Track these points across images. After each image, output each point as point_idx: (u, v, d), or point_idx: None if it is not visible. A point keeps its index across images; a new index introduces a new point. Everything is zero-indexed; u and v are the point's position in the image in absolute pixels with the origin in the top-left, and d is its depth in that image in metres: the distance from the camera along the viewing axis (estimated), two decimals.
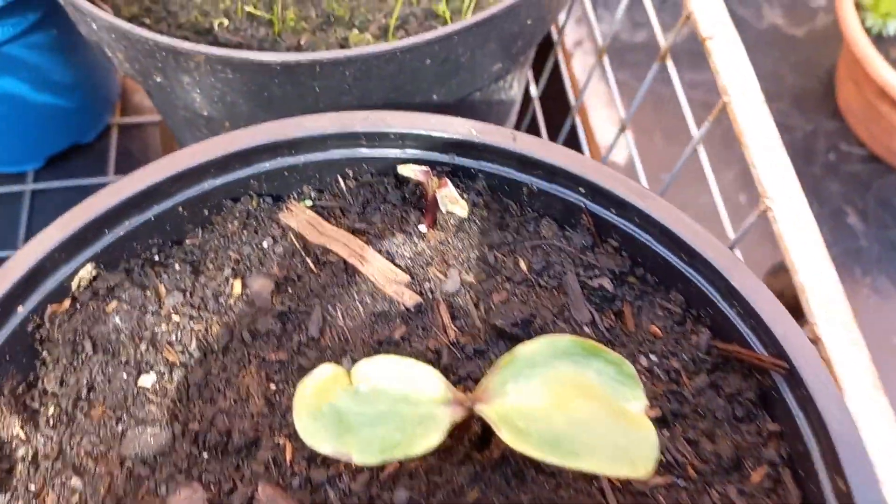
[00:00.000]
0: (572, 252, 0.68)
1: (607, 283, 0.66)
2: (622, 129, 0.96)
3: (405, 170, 0.66)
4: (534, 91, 1.29)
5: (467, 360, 0.62)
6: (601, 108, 1.59)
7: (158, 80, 0.86)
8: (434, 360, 0.62)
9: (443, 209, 0.65)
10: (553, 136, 1.32)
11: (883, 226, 1.79)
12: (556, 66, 1.37)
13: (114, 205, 0.64)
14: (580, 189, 0.67)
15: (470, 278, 0.66)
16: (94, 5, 0.85)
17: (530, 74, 1.34)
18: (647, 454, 0.51)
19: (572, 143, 1.29)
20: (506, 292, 0.65)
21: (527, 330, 0.63)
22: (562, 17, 1.21)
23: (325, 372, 0.52)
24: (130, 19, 0.93)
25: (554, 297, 0.66)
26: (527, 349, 0.53)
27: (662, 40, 0.87)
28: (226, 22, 0.94)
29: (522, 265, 0.67)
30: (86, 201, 0.64)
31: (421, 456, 0.51)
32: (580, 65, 1.60)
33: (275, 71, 0.78)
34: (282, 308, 0.64)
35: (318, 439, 0.50)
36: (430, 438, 0.50)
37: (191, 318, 0.64)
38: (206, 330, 0.63)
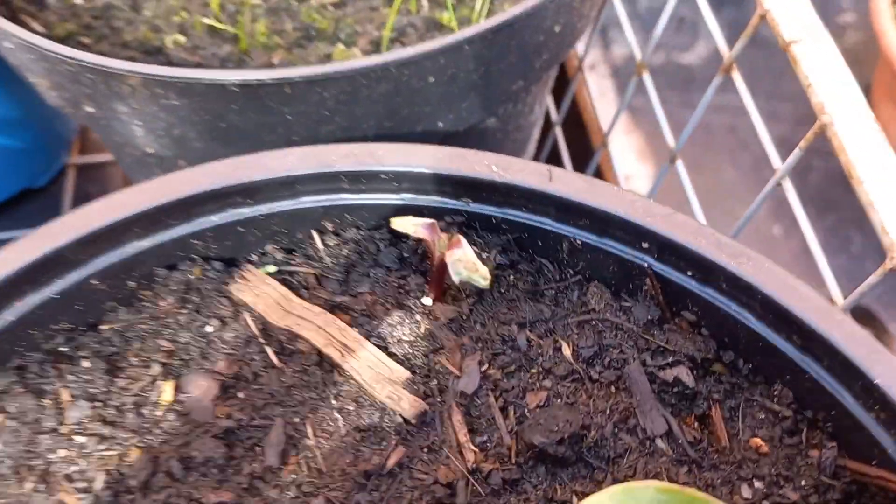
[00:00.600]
0: (634, 331, 0.50)
1: (685, 375, 0.48)
2: (672, 161, 0.79)
3: (401, 224, 0.48)
4: (555, 116, 1.13)
5: (494, 498, 0.44)
6: (619, 135, 1.42)
7: (90, 110, 0.69)
8: (446, 498, 0.43)
9: (455, 278, 0.47)
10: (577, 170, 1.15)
11: None
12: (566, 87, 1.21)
13: (0, 280, 0.47)
14: (643, 244, 0.49)
15: (494, 372, 0.48)
16: (15, 23, 0.69)
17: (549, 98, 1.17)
18: None
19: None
20: (545, 392, 0.47)
21: (576, 448, 0.45)
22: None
23: None
24: (65, 38, 0.77)
25: (612, 397, 0.48)
26: None
27: (725, 49, 0.70)
28: (181, 39, 0.77)
29: (566, 350, 0.49)
30: None
31: None
32: (596, 88, 1.43)
33: (232, 94, 0.61)
34: (229, 423, 0.46)
35: None
36: None
37: (101, 439, 0.46)
38: (121, 458, 0.45)
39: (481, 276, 0.46)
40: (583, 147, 1.16)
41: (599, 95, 1.41)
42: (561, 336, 0.50)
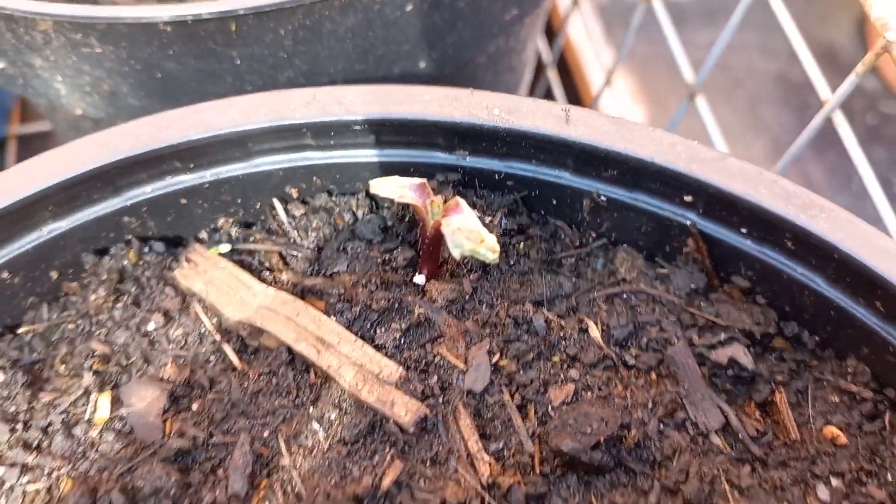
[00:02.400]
0: (675, 303, 0.44)
1: (741, 355, 0.41)
2: (691, 97, 0.72)
3: (383, 187, 0.41)
4: (547, 56, 1.05)
5: None
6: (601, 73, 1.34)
7: (1, 66, 0.61)
8: None
9: (455, 252, 0.40)
10: None
11: None
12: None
13: None
14: (686, 197, 0.42)
15: (507, 363, 0.41)
16: None
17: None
18: None
19: None
20: (572, 384, 0.41)
21: (615, 452, 0.39)
22: None
23: None
24: None
25: (654, 386, 0.41)
26: None
27: None
28: None
29: (594, 332, 0.42)
30: None
31: None
32: (586, 28, 1.35)
33: (165, 36, 0.53)
34: (182, 442, 0.39)
35: None
36: None
37: (24, 470, 0.39)
38: (50, 491, 0.38)
39: (488, 248, 0.39)
40: (574, 95, 1.08)
41: (589, 37, 1.33)
42: (586, 314, 0.43)
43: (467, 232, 0.39)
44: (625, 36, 0.79)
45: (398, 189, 0.41)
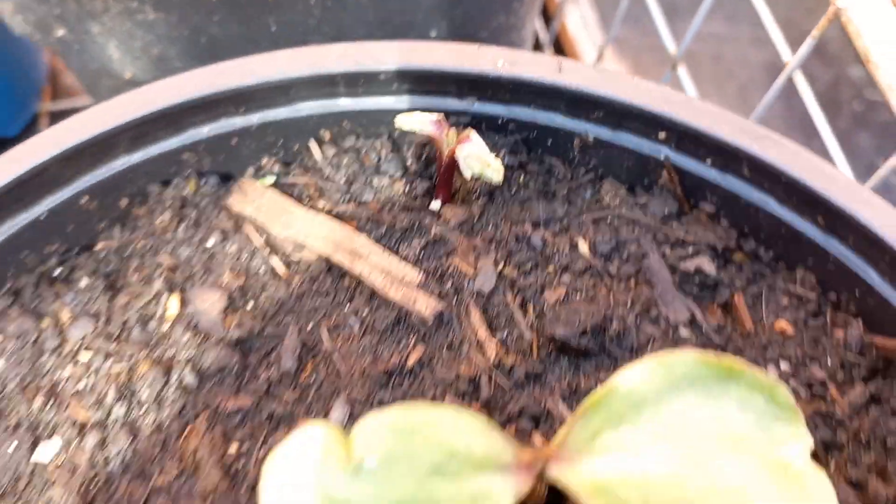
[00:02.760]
0: (651, 225, 0.52)
1: (706, 265, 0.50)
2: (674, 67, 0.80)
3: (407, 121, 0.49)
4: (544, 36, 1.13)
5: (518, 390, 0.46)
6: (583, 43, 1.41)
7: (61, 33, 0.69)
8: (469, 393, 0.45)
9: (466, 173, 0.48)
10: None
11: None
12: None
13: None
14: (660, 134, 0.51)
15: (510, 271, 0.50)
16: None
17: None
18: None
19: None
20: (563, 287, 0.49)
21: (600, 339, 0.47)
22: None
23: (310, 438, 0.35)
24: None
25: (633, 290, 0.49)
26: (628, 380, 0.36)
27: None
28: None
29: (582, 247, 0.51)
30: None
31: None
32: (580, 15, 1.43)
33: (212, 5, 0.62)
34: (239, 332, 0.47)
35: None
36: None
37: (107, 355, 0.47)
38: (131, 371, 0.46)
39: (494, 170, 0.48)
40: None
41: (583, 22, 1.41)
42: (576, 233, 0.52)
43: (477, 157, 0.47)
44: (617, 13, 0.88)
45: (420, 123, 0.49)
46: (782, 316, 0.49)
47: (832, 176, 0.47)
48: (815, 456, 0.45)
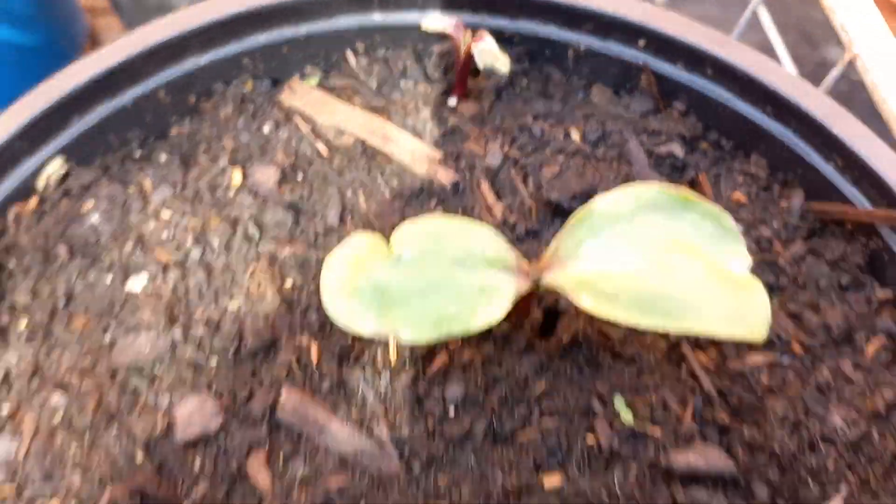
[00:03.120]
0: (632, 119, 0.62)
1: (677, 149, 0.60)
2: None
3: (432, 22, 0.59)
4: None
5: (519, 243, 0.56)
6: None
7: None
8: None
9: (480, 64, 0.58)
10: None
11: None
12: None
13: (81, 85, 0.58)
14: (640, 43, 0.61)
15: (514, 152, 0.60)
16: None
17: None
18: (759, 314, 0.45)
19: None
20: (558, 166, 0.59)
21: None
22: None
23: (359, 241, 0.46)
24: None
25: (615, 168, 0.60)
26: (606, 202, 0.47)
27: None
28: None
29: (575, 135, 0.61)
30: (45, 82, 0.58)
31: (482, 331, 0.44)
32: None
33: None
34: (292, 197, 0.58)
35: (356, 319, 0.44)
36: (492, 309, 0.44)
37: (184, 213, 0.57)
38: (204, 225, 0.57)
39: (502, 62, 0.58)
40: None
41: None
42: (569, 125, 0.62)
43: (489, 51, 0.57)
44: None
45: (443, 24, 0.59)
46: (738, 190, 0.59)
47: (779, 72, 0.58)
48: None
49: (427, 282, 0.44)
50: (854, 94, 0.71)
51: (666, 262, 0.46)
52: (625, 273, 0.45)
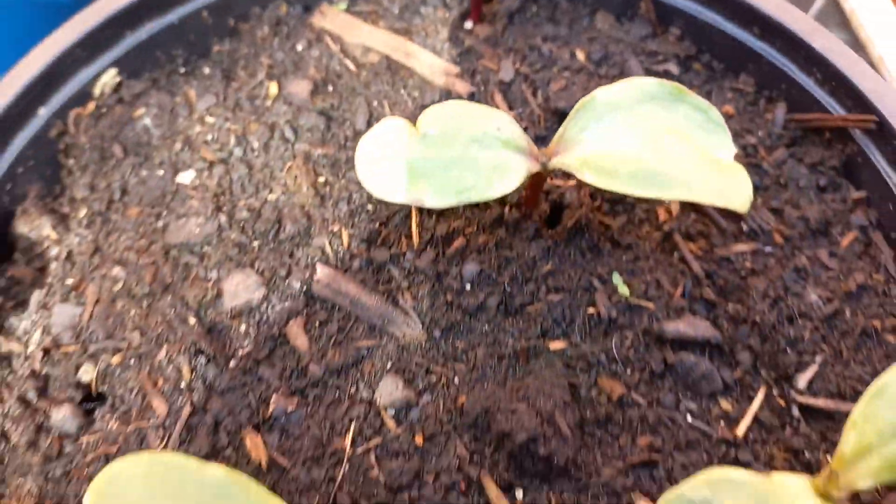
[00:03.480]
0: (632, 42, 0.68)
1: (672, 68, 0.66)
2: None
3: None
4: None
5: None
6: None
7: None
8: None
9: None
10: None
11: None
12: None
13: (132, 2, 0.63)
14: None
15: (524, 69, 0.66)
16: None
17: None
18: (742, 191, 0.51)
19: None
20: (564, 80, 0.65)
21: None
22: None
23: (390, 123, 0.51)
24: None
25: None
26: (607, 92, 0.52)
27: None
28: None
29: (580, 55, 0.67)
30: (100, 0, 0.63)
31: (497, 199, 0.50)
32: None
33: None
34: (323, 105, 0.64)
35: (388, 189, 0.50)
36: (506, 182, 0.50)
37: (226, 119, 0.63)
38: (244, 129, 0.63)
39: None
40: None
41: None
42: (575, 46, 0.68)
43: None
44: None
45: None
46: (727, 104, 0.65)
47: None
48: None
49: (450, 157, 0.50)
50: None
51: (660, 145, 0.51)
52: (624, 153, 0.51)
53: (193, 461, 0.41)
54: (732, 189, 0.51)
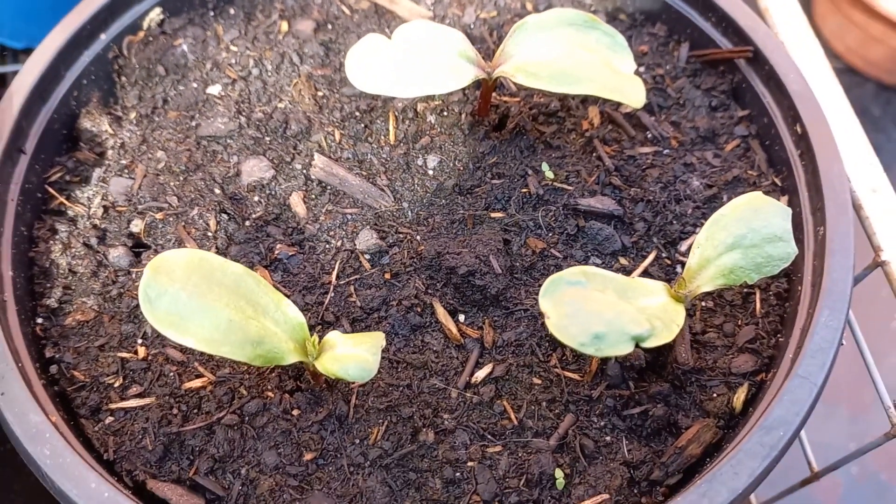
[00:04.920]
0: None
1: (602, 18, 0.80)
2: None
3: None
4: None
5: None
6: None
7: None
8: None
9: None
10: None
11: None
12: None
13: None
14: None
15: (483, 14, 0.81)
16: None
17: None
18: (637, 91, 0.65)
19: None
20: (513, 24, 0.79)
21: None
22: None
23: (372, 36, 0.66)
24: None
25: None
26: (537, 17, 0.67)
27: None
28: None
29: (529, 6, 0.81)
30: None
31: (449, 93, 0.65)
32: None
33: None
34: (323, 39, 0.78)
35: (369, 83, 0.64)
36: (458, 80, 0.64)
37: (246, 48, 0.78)
38: (261, 55, 0.77)
39: None
40: None
41: None
42: (523, 11, 0.82)
43: None
44: None
45: None
46: (644, 45, 0.79)
47: None
48: (650, 110, 0.75)
49: (416, 60, 0.65)
50: None
51: (574, 55, 0.66)
52: (546, 60, 0.65)
53: (220, 259, 0.55)
54: (629, 89, 0.65)
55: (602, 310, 0.51)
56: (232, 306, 0.52)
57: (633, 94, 0.64)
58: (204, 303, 0.51)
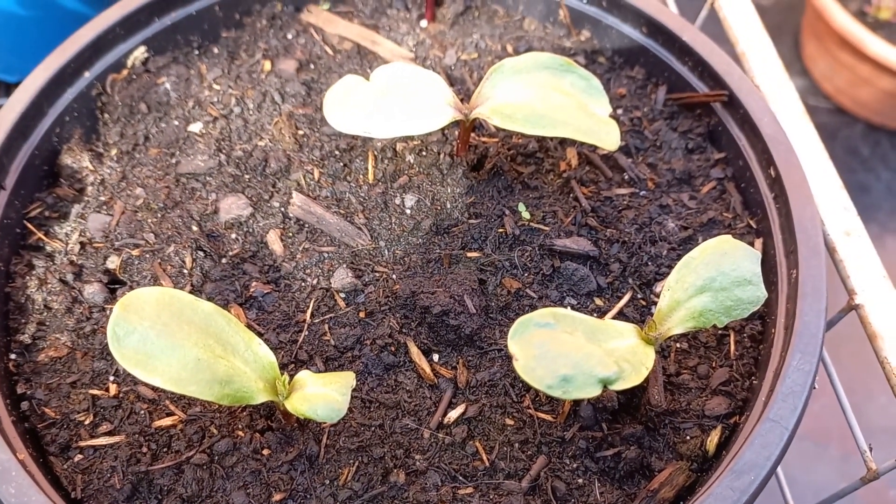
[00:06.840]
0: (551, 40, 0.84)
1: (581, 61, 0.82)
2: None
3: None
4: None
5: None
6: None
7: None
8: None
9: None
10: None
11: (850, 170, 1.90)
12: None
13: None
14: None
15: (464, 56, 0.82)
16: None
17: None
18: (611, 135, 0.67)
19: None
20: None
21: None
22: None
23: (350, 77, 0.67)
24: None
25: None
26: (513, 61, 0.68)
27: None
28: None
29: (509, 48, 0.83)
30: None
31: (428, 133, 0.66)
32: None
33: None
34: (306, 78, 0.80)
35: (346, 124, 0.65)
36: (436, 121, 0.65)
37: (229, 86, 0.79)
38: (243, 94, 0.79)
39: (459, 1, 0.80)
40: None
41: None
42: (506, 42, 0.84)
43: None
44: None
45: None
46: (622, 87, 0.81)
47: (652, 3, 0.80)
48: (627, 152, 0.77)
49: (394, 101, 0.66)
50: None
51: (549, 98, 0.67)
52: (521, 102, 0.66)
53: (191, 297, 0.56)
54: (604, 132, 0.67)
55: (570, 352, 0.52)
56: (201, 345, 0.53)
57: (607, 138, 0.66)
58: (172, 341, 0.52)
